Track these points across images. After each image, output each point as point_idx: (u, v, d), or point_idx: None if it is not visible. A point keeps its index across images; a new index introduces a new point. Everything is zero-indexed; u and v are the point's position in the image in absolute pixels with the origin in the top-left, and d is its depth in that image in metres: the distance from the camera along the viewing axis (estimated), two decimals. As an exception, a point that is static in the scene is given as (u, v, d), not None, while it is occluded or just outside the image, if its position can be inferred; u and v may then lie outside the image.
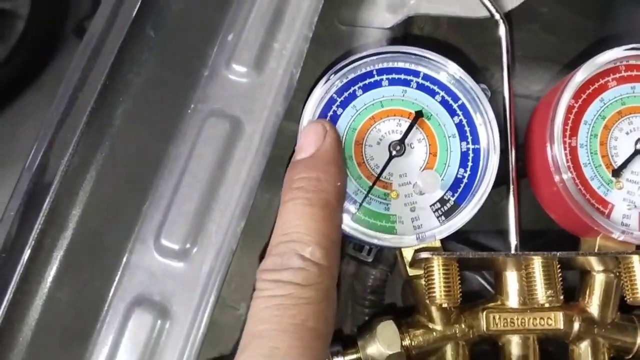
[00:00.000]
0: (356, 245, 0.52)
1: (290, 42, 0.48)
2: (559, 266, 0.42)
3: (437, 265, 0.40)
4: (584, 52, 0.47)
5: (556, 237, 0.49)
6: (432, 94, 0.45)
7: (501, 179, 0.45)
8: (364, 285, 0.54)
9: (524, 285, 0.44)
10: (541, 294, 0.42)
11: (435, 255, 0.41)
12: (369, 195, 0.44)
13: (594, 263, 0.43)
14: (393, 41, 0.48)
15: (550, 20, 0.57)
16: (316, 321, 0.36)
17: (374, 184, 0.44)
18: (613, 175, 0.43)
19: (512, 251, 0.44)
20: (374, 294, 0.53)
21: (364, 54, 0.44)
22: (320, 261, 0.37)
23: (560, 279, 0.42)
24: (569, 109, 0.43)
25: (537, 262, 0.41)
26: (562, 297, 0.42)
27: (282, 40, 0.48)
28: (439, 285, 0.40)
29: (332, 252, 0.38)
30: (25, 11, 1.00)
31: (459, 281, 0.41)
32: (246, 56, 0.49)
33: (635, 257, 0.41)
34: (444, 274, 0.40)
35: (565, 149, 0.42)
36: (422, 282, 0.43)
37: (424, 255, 0.41)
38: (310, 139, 0.43)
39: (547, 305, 0.42)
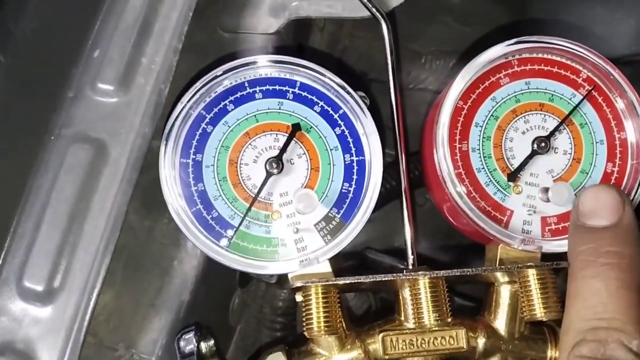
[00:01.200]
0: None
1: (159, 55, 0.46)
2: (445, 285, 0.41)
3: (314, 293, 0.36)
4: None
5: (469, 245, 0.48)
6: (311, 104, 0.46)
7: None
8: (273, 308, 0.51)
9: (418, 303, 0.44)
10: (427, 316, 0.43)
11: (308, 283, 0.42)
12: (247, 218, 0.45)
13: (498, 275, 0.45)
14: (280, 48, 0.49)
15: (464, 11, 0.58)
16: None
17: (251, 205, 0.45)
18: (509, 180, 0.40)
19: (410, 265, 0.39)
20: (283, 316, 0.50)
21: (230, 65, 0.45)
22: None
23: (447, 298, 0.43)
24: (457, 111, 0.40)
25: (422, 283, 0.37)
26: (450, 320, 0.43)
27: (150, 54, 0.46)
28: (316, 316, 0.35)
29: None
30: None
31: (340, 308, 0.37)
32: (112, 74, 0.49)
33: (530, 272, 0.37)
34: (323, 302, 0.36)
35: (454, 155, 0.38)
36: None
37: (296, 283, 0.43)
38: (607, 204, 0.40)
39: (435, 328, 0.43)
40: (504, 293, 0.45)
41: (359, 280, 0.41)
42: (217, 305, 0.52)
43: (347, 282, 0.41)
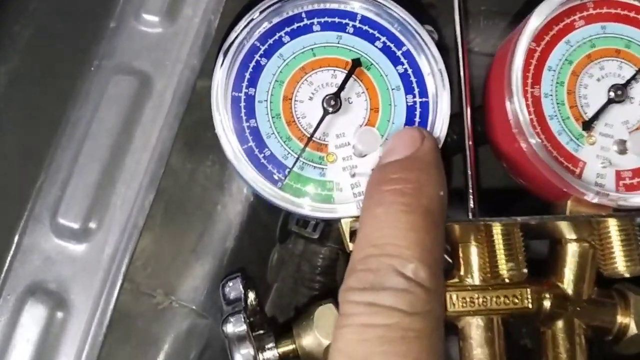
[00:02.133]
0: (300, 221, 0.47)
1: None
2: (521, 235, 0.40)
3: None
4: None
5: (528, 206, 0.45)
6: (372, 39, 0.43)
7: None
8: (312, 266, 0.49)
9: (485, 259, 0.41)
10: (502, 266, 0.39)
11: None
12: (301, 159, 0.41)
13: (565, 230, 0.42)
14: None
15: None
16: None
17: (305, 145, 0.41)
18: (583, 129, 0.36)
19: (470, 216, 0.36)
20: (323, 275, 0.47)
21: None
22: (426, 283, 0.32)
23: (524, 249, 0.40)
24: (530, 53, 0.37)
25: (496, 230, 0.33)
26: (525, 271, 0.40)
27: None
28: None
29: (438, 273, 0.33)
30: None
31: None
32: (157, 4, 0.45)
33: (611, 221, 0.34)
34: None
35: (527, 100, 0.35)
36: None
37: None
38: (403, 141, 0.37)
39: (509, 280, 0.40)
40: (572, 252, 0.41)
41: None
42: (258, 258, 0.49)
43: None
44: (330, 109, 0.40)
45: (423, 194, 0.34)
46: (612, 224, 0.38)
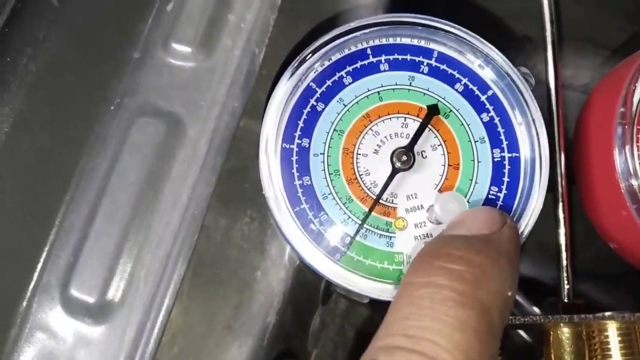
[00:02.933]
0: None
1: (251, 11, 0.37)
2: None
3: None
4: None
5: (613, 269, 0.39)
6: (451, 81, 0.36)
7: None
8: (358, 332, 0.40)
9: (584, 350, 0.34)
10: None
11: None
12: (365, 225, 0.34)
13: None
14: (392, 8, 0.33)
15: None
16: None
17: (371, 209, 0.34)
18: None
19: (565, 298, 0.29)
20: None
21: (353, 25, 0.35)
22: None
23: None
24: None
25: (612, 329, 0.26)
26: None
27: (239, 10, 0.39)
28: None
29: None
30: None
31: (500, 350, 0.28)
32: (191, 32, 0.38)
33: None
34: None
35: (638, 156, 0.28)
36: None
37: None
38: (479, 218, 0.31)
39: None
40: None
41: (531, 322, 0.30)
42: (299, 326, 0.42)
43: (514, 322, 0.30)
44: (401, 165, 0.33)
45: (485, 287, 0.26)
46: None
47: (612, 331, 0.32)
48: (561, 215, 0.35)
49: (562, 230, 0.35)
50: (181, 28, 0.37)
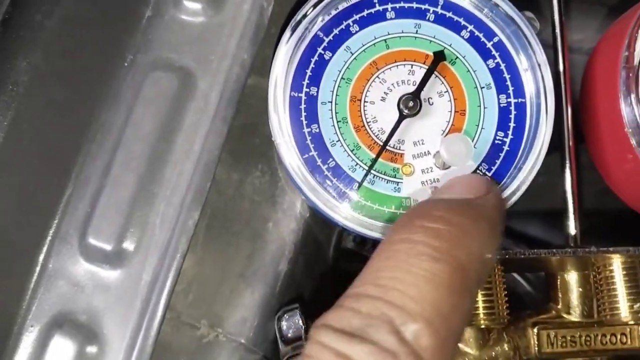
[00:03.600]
0: (357, 237, 0.38)
1: None
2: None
3: None
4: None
5: (622, 219, 0.39)
6: (457, 28, 0.36)
7: (549, 148, 0.35)
8: None
9: (592, 293, 0.35)
10: (625, 307, 0.33)
11: None
12: (372, 171, 0.34)
13: None
14: None
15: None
16: None
17: (378, 155, 0.34)
18: None
19: (571, 243, 0.29)
20: None
21: None
22: (425, 354, 0.23)
23: None
24: None
25: (616, 264, 0.26)
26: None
27: None
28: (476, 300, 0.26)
29: (448, 349, 0.24)
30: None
31: (505, 291, 0.27)
32: None
33: None
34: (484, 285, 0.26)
35: None
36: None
37: None
38: (467, 182, 0.31)
39: (632, 322, 0.33)
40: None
41: (538, 255, 0.30)
42: (312, 279, 0.42)
43: (524, 256, 0.30)
44: (408, 112, 0.33)
45: (463, 246, 0.26)
46: None
47: (617, 265, 0.32)
48: (567, 167, 0.35)
49: (568, 177, 0.35)
50: (191, -15, 0.38)
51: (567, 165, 0.35)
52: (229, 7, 0.38)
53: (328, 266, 0.44)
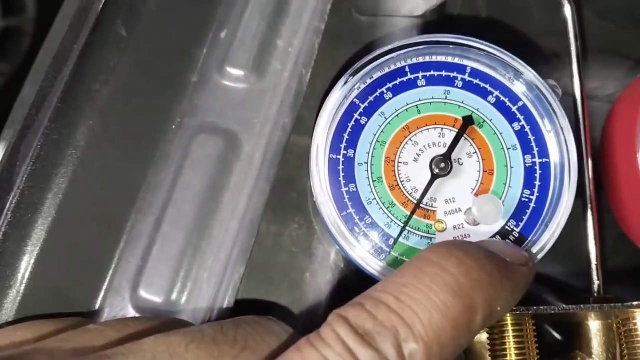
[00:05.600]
0: None
1: (297, 37, 0.37)
2: None
3: (506, 325, 0.27)
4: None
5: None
6: (484, 94, 0.37)
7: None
8: None
9: (615, 340, 0.35)
10: None
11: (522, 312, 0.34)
12: (407, 227, 0.36)
13: None
14: (426, 29, 0.34)
15: (607, 5, 0.41)
16: None
17: (412, 212, 0.36)
18: None
19: (595, 293, 0.30)
20: None
21: (392, 46, 0.36)
22: None
23: None
24: None
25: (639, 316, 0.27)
26: None
27: (287, 36, 0.37)
28: (509, 354, 0.26)
29: None
30: (30, 27, 0.88)
31: (536, 344, 0.28)
32: (243, 57, 0.41)
33: None
34: (515, 337, 0.27)
35: None
36: (486, 346, 0.34)
37: None
38: (512, 250, 0.32)
39: None
40: None
41: (570, 311, 0.31)
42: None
43: (554, 312, 0.31)
44: (440, 172, 0.34)
45: (483, 293, 0.27)
46: None
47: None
48: (589, 215, 0.35)
49: (590, 230, 0.35)
50: (234, 53, 0.39)
51: (589, 213, 0.36)
52: (271, 75, 0.40)
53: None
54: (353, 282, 0.42)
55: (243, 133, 0.38)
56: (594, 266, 0.35)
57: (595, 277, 0.35)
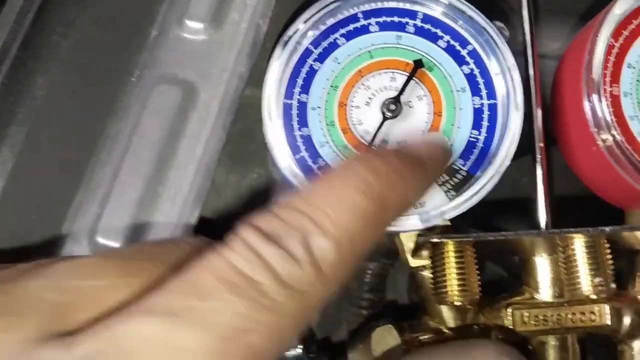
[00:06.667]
0: None
1: None
2: (607, 246, 0.35)
3: (447, 252, 0.27)
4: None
5: (595, 212, 0.39)
6: (434, 38, 0.37)
7: (523, 150, 0.37)
8: (360, 282, 0.43)
9: (561, 273, 0.35)
10: (586, 282, 0.34)
11: (444, 238, 0.33)
12: (359, 169, 0.30)
13: None
14: None
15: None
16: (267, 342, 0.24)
17: (364, 154, 0.30)
18: None
19: (543, 228, 0.35)
20: (372, 292, 0.44)
21: None
22: (324, 266, 0.25)
23: (611, 262, 0.34)
24: (608, 49, 0.31)
25: (578, 242, 0.34)
26: (614, 286, 0.35)
27: None
28: (450, 278, 0.27)
29: (344, 266, 0.26)
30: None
31: (477, 271, 0.28)
32: (202, 9, 0.41)
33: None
34: (456, 262, 0.27)
35: (606, 100, 0.29)
36: (429, 274, 0.35)
37: (430, 239, 0.33)
38: (425, 141, 0.33)
39: (594, 296, 0.34)
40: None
41: (506, 237, 0.32)
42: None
43: (492, 238, 0.31)
44: (390, 114, 0.35)
45: (395, 190, 0.27)
46: None
47: (579, 244, 0.33)
48: (538, 155, 0.36)
49: (539, 170, 0.36)
50: (194, 6, 0.39)
51: (538, 159, 0.36)
52: (228, 26, 0.40)
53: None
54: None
55: (201, 83, 0.38)
56: (541, 204, 0.36)
57: (542, 214, 0.36)
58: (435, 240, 0.33)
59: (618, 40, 0.36)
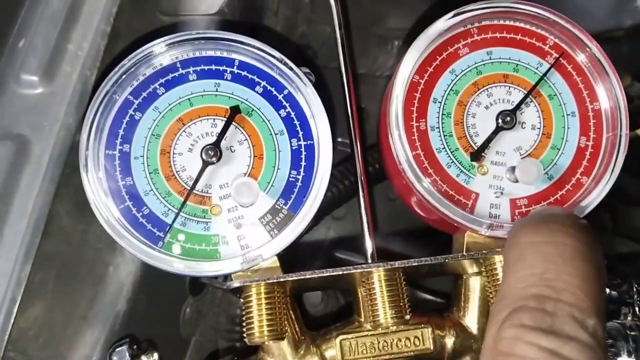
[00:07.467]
0: None
1: (86, 41, 0.37)
2: (403, 278, 0.36)
3: (255, 293, 0.28)
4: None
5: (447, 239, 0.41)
6: (252, 85, 0.39)
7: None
8: (229, 316, 0.42)
9: (365, 304, 0.37)
10: (383, 313, 0.35)
11: (247, 282, 0.34)
12: (182, 214, 0.37)
13: (466, 265, 0.38)
14: (226, 27, 0.36)
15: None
16: None
17: (185, 199, 0.37)
18: (472, 159, 0.32)
19: (369, 260, 0.32)
20: (242, 325, 0.40)
21: (154, 43, 0.37)
22: (602, 343, 0.27)
23: (406, 293, 0.36)
24: (413, 86, 0.33)
25: (376, 276, 0.34)
26: (408, 317, 0.36)
27: (77, 40, 0.38)
28: (258, 319, 0.28)
29: (605, 335, 0.28)
30: None
31: (287, 310, 0.30)
32: (35, 63, 0.42)
33: (497, 259, 0.29)
34: (266, 303, 0.32)
35: (412, 135, 0.31)
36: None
37: (234, 284, 0.35)
38: (563, 209, 0.36)
39: (397, 328, 0.36)
40: (474, 286, 0.38)
41: (305, 277, 0.33)
42: (164, 315, 0.44)
43: (292, 278, 0.33)
44: (212, 160, 0.36)
45: (595, 250, 0.29)
46: (498, 260, 0.35)
47: (376, 277, 0.34)
48: (361, 190, 0.37)
49: (362, 204, 0.37)
50: (28, 60, 0.39)
51: (361, 194, 0.38)
52: (60, 78, 0.40)
53: (186, 299, 0.46)
54: (157, 273, 0.42)
55: (34, 136, 0.38)
56: (365, 234, 0.37)
57: (368, 245, 0.37)
58: (238, 284, 0.34)
59: (424, 77, 0.38)
